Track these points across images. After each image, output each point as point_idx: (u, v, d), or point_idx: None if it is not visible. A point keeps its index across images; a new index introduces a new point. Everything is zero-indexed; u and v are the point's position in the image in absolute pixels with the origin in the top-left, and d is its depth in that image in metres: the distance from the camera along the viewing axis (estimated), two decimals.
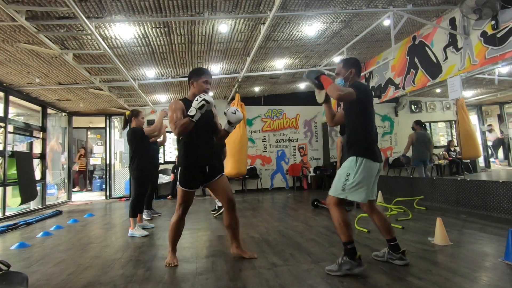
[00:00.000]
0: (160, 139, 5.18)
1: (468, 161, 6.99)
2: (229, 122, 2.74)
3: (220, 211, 5.18)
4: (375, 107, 2.66)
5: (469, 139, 5.97)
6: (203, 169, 2.71)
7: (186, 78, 6.93)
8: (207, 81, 2.73)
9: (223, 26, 4.46)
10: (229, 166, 6.21)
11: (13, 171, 5.77)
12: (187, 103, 2.63)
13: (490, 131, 7.69)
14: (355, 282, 2.19)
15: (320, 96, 2.64)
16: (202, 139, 2.72)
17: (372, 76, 6.82)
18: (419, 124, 6.46)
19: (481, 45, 4.18)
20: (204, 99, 2.47)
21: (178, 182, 2.69)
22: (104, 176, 9.59)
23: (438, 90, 7.39)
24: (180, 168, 2.69)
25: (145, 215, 5.01)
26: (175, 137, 2.72)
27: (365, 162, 2.36)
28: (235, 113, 2.71)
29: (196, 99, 2.50)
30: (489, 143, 7.79)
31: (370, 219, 2.66)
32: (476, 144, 6.26)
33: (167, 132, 8.29)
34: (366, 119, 2.47)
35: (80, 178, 10.85)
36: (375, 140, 2.49)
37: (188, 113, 2.49)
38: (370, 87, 6.86)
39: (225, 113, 2.73)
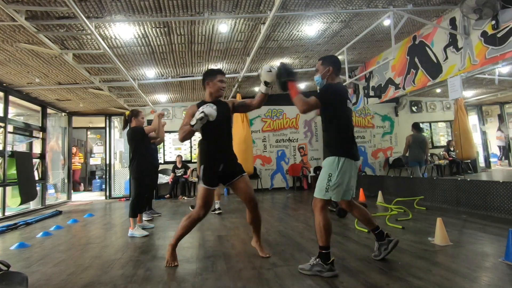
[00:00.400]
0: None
1: (468, 161, 7.00)
2: (265, 83, 2.60)
3: (216, 212, 5.26)
4: (375, 107, 2.71)
5: (465, 140, 5.98)
6: (221, 168, 2.76)
7: (186, 78, 6.91)
8: (222, 80, 2.77)
9: (223, 26, 4.46)
10: None
11: (12, 171, 5.77)
12: (202, 105, 2.68)
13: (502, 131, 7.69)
14: (356, 283, 2.19)
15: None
16: (219, 139, 2.80)
17: (372, 76, 6.82)
18: (415, 127, 6.67)
19: (482, 45, 4.18)
20: (203, 112, 2.52)
21: (200, 180, 2.77)
22: (104, 176, 9.58)
23: (438, 90, 7.40)
24: (201, 166, 2.80)
25: (145, 216, 5.01)
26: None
27: (346, 161, 2.40)
28: (270, 71, 2.54)
29: (199, 109, 2.57)
30: (500, 143, 7.76)
31: (351, 214, 2.76)
32: (472, 144, 6.27)
33: (166, 132, 8.31)
34: (340, 119, 2.50)
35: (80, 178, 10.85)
36: (352, 138, 2.54)
37: (190, 122, 2.59)
38: (371, 87, 6.86)
39: (259, 75, 2.65)
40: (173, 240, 2.79)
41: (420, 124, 6.59)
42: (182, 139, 2.71)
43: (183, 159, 8.76)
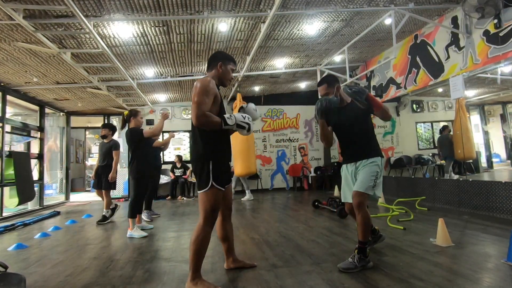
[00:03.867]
0: (160, 139, 5.16)
1: (470, 161, 6.97)
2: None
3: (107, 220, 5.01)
4: None
5: (465, 140, 5.98)
6: (229, 167, 2.45)
7: (186, 78, 6.86)
8: (233, 70, 2.47)
9: (223, 25, 4.43)
10: (238, 167, 6.13)
11: (10, 172, 5.73)
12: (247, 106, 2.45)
13: None
14: (356, 283, 2.17)
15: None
16: (226, 133, 2.42)
17: (374, 76, 6.79)
18: (443, 128, 7.41)
19: (484, 44, 4.15)
20: (248, 124, 2.24)
21: (212, 181, 2.18)
22: None
23: (440, 90, 7.36)
24: (210, 162, 2.22)
25: (144, 216, 4.98)
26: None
27: (383, 161, 2.67)
28: (256, 110, 2.47)
29: (244, 115, 2.26)
30: None
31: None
32: (471, 145, 6.25)
33: (165, 131, 8.26)
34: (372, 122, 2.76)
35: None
36: None
37: (226, 118, 2.19)
38: (372, 87, 6.84)
39: (242, 108, 2.50)
40: (191, 274, 2.20)
41: (422, 124, 6.69)
42: (202, 126, 2.18)
43: (182, 159, 8.70)
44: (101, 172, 5.12)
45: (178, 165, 8.50)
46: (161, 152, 8.33)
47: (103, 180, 5.09)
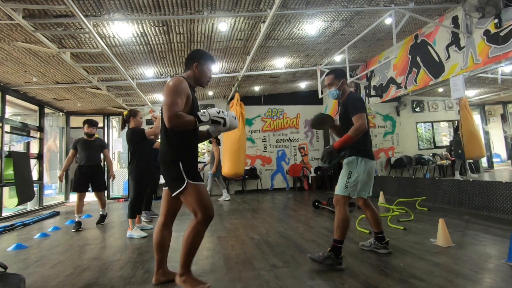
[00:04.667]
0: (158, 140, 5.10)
1: (471, 161, 6.95)
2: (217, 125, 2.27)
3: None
4: (376, 107, 2.80)
5: (472, 139, 5.94)
6: (197, 167, 2.31)
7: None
8: (211, 71, 2.34)
9: (223, 25, 4.42)
10: (226, 166, 6.13)
11: (10, 172, 5.72)
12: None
13: None
14: (357, 283, 2.17)
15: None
16: (197, 135, 2.33)
17: (374, 75, 6.78)
18: (457, 128, 7.34)
19: (484, 44, 4.14)
20: (223, 119, 2.15)
21: (186, 180, 2.08)
22: None
23: (440, 90, 7.34)
24: (179, 163, 2.12)
25: (143, 217, 4.97)
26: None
27: (366, 161, 2.64)
28: (235, 118, 2.29)
29: (219, 110, 2.17)
30: None
31: (364, 213, 2.93)
32: (480, 143, 6.23)
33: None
34: (367, 124, 2.68)
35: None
36: (371, 140, 2.82)
37: (200, 115, 2.11)
38: (372, 87, 6.83)
39: (212, 120, 2.26)
40: (181, 269, 2.13)
41: (422, 124, 6.68)
42: (175, 127, 2.06)
43: None
44: (90, 174, 4.76)
45: None
46: None
47: (95, 182, 4.85)
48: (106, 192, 5.20)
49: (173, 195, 2.14)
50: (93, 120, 5.00)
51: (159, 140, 4.89)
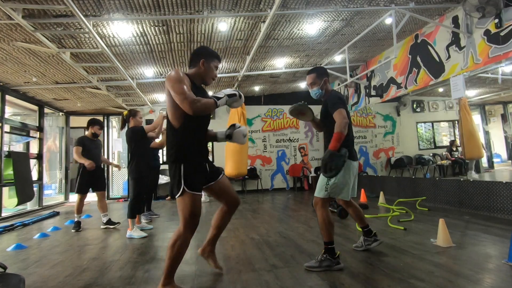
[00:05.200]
0: (159, 138, 5.03)
1: (475, 160, 6.97)
2: (228, 137, 2.37)
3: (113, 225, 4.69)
4: (377, 107, 2.79)
5: (471, 139, 5.94)
6: (205, 167, 2.29)
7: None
8: (217, 67, 2.32)
9: (223, 25, 4.41)
10: (229, 167, 6.13)
11: (9, 172, 5.71)
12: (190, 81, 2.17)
13: None
14: (357, 284, 2.16)
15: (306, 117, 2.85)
16: (203, 132, 2.29)
17: (374, 75, 6.77)
18: None
19: (485, 44, 4.14)
20: (238, 92, 2.21)
21: (183, 186, 2.06)
22: None
23: (440, 90, 7.36)
24: (181, 165, 2.09)
25: (143, 217, 4.95)
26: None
27: (347, 162, 2.56)
28: (245, 136, 2.37)
29: (233, 85, 2.31)
30: None
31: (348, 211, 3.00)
32: (479, 144, 6.23)
33: None
34: (349, 123, 2.66)
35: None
36: (353, 140, 2.76)
37: (216, 95, 2.09)
38: (372, 86, 6.82)
39: (233, 126, 2.38)
40: (164, 280, 2.08)
41: (422, 124, 6.65)
42: (198, 113, 2.01)
43: None
44: (95, 174, 4.69)
45: None
46: (160, 152, 8.33)
47: (99, 182, 4.83)
48: (106, 192, 5.12)
49: (176, 197, 2.14)
50: (99, 120, 4.89)
51: (157, 140, 4.92)
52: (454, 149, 7.94)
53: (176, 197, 2.11)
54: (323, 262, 2.44)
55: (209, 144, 8.72)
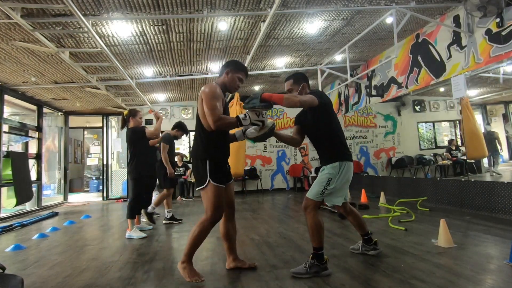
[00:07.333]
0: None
1: (473, 161, 6.94)
2: (245, 134, 2.51)
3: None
4: (377, 106, 2.74)
5: (474, 139, 5.90)
6: (226, 167, 2.52)
7: (185, 77, 6.81)
8: (242, 79, 2.53)
9: (223, 24, 4.39)
10: None
11: (8, 172, 5.70)
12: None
13: None
14: (358, 284, 2.15)
15: (262, 131, 2.39)
16: (228, 135, 2.54)
17: (375, 75, 6.75)
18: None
19: (486, 43, 4.12)
20: (263, 121, 2.31)
21: (209, 178, 2.30)
22: (101, 177, 9.48)
23: (441, 89, 7.33)
24: (207, 161, 2.34)
25: (143, 217, 4.93)
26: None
27: (347, 165, 2.49)
28: (257, 131, 2.43)
29: (259, 113, 2.28)
30: None
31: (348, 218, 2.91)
32: (482, 143, 6.18)
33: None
34: (338, 123, 2.60)
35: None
36: (346, 141, 2.66)
37: (240, 117, 2.26)
38: (373, 86, 6.80)
39: (252, 123, 2.36)
40: (184, 257, 2.37)
41: (423, 123, 6.62)
42: (220, 129, 2.27)
43: (183, 159, 8.57)
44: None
45: (179, 164, 8.30)
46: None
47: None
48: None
49: (196, 189, 2.38)
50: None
51: (151, 128, 4.91)
52: (454, 148, 7.91)
53: (199, 189, 2.36)
54: (311, 268, 2.35)
55: None
